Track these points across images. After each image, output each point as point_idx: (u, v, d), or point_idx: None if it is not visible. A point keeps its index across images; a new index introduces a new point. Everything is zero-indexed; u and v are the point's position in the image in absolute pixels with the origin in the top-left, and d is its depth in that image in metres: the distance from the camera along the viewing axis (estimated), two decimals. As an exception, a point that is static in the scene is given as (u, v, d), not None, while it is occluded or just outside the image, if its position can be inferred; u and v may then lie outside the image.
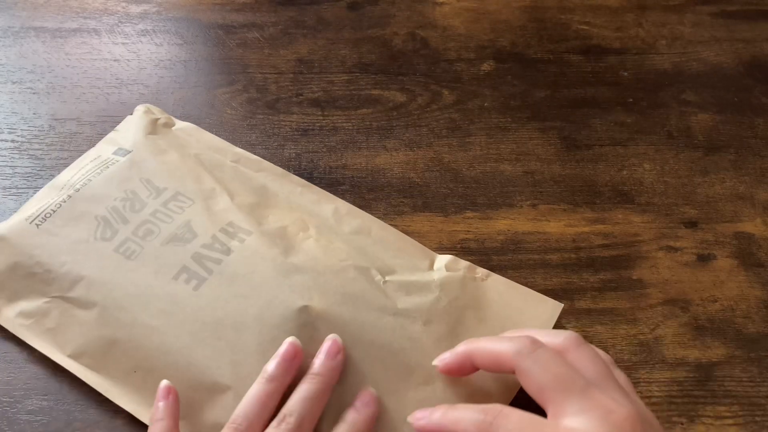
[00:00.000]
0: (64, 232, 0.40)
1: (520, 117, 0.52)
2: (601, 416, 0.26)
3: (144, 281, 0.37)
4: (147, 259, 0.38)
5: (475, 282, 0.40)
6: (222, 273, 0.37)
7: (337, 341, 0.35)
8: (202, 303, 0.37)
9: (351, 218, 0.43)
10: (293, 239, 0.40)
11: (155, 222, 0.40)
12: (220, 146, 0.47)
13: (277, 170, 0.46)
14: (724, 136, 0.51)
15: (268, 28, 0.58)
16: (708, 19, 0.60)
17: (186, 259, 0.38)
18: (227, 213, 0.41)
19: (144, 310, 0.37)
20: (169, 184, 0.42)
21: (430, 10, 0.60)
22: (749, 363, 0.40)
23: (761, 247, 0.45)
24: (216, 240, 0.39)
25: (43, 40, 0.56)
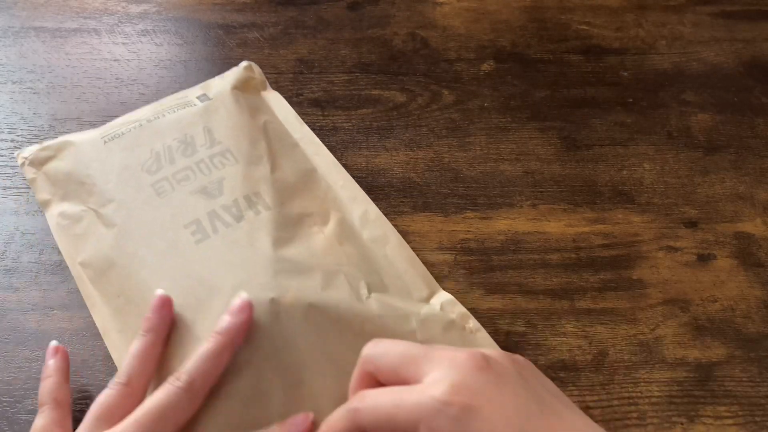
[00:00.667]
0: (121, 155, 0.43)
1: (520, 117, 0.52)
2: (448, 363, 0.28)
3: (160, 220, 0.40)
4: (173, 201, 0.40)
5: (461, 332, 0.39)
6: (225, 237, 0.39)
7: (244, 299, 0.34)
8: (196, 257, 0.38)
9: (375, 226, 0.43)
10: (304, 231, 0.41)
11: (195, 171, 0.42)
12: (293, 121, 0.48)
13: (331, 158, 0.47)
14: (724, 136, 0.51)
15: (268, 28, 0.58)
16: (708, 19, 0.60)
17: (202, 214, 0.40)
18: (260, 182, 0.42)
19: (147, 245, 0.39)
20: (225, 140, 0.44)
21: (430, 10, 0.60)
22: (749, 363, 0.40)
23: (761, 247, 0.45)
24: (236, 204, 0.40)
25: (43, 39, 0.56)
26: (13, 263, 0.43)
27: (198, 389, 0.32)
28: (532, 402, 0.27)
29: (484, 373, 0.27)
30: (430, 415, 0.26)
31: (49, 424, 0.33)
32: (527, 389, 0.28)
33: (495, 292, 0.42)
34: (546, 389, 0.29)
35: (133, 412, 0.31)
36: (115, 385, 0.33)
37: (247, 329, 0.34)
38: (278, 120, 0.48)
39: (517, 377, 0.28)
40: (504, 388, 0.27)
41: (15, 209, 0.45)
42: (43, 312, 0.41)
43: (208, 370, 0.32)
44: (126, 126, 0.44)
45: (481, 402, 0.26)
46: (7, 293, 0.41)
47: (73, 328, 0.40)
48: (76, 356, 0.39)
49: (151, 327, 0.34)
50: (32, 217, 0.45)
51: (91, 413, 0.32)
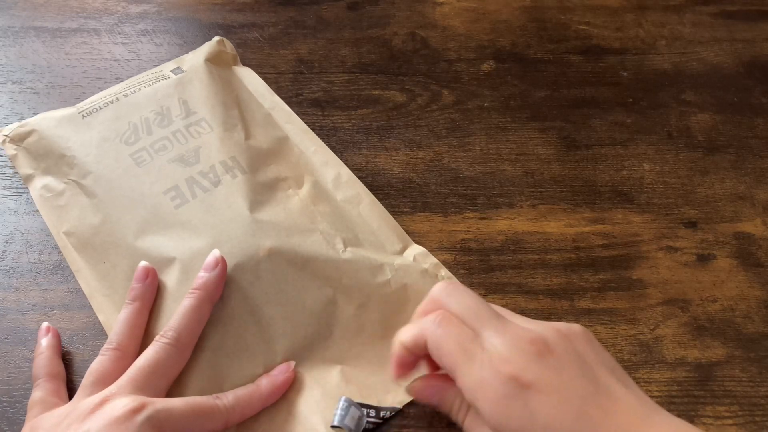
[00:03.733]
0: (99, 128, 0.44)
1: (520, 117, 0.52)
2: (512, 341, 0.30)
3: (140, 189, 0.41)
4: (151, 170, 0.42)
5: (433, 280, 0.41)
6: (204, 201, 0.40)
7: (216, 255, 0.37)
8: (176, 221, 0.40)
9: (348, 187, 0.45)
10: (280, 194, 0.43)
11: (172, 140, 0.43)
12: (264, 92, 0.50)
13: (303, 126, 0.49)
14: (724, 136, 0.51)
15: (268, 28, 0.58)
16: (708, 19, 0.60)
17: (180, 180, 0.41)
18: (235, 148, 0.44)
19: (129, 212, 0.41)
20: (199, 109, 0.45)
21: (430, 10, 0.60)
22: (749, 363, 0.40)
23: (761, 247, 0.45)
24: (213, 170, 0.42)
25: (43, 39, 0.56)
26: (13, 263, 0.43)
27: (185, 343, 0.35)
28: (590, 384, 0.29)
29: (545, 359, 0.29)
30: (494, 384, 0.29)
31: (45, 395, 0.35)
32: (584, 371, 0.29)
33: (495, 292, 0.42)
34: (603, 365, 0.30)
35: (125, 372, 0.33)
36: (106, 350, 0.35)
37: (223, 283, 0.36)
38: (249, 91, 0.50)
39: (575, 359, 0.30)
40: (563, 373, 0.29)
41: (15, 209, 0.45)
42: (42, 312, 0.41)
43: (191, 325, 0.35)
44: (103, 101, 0.46)
45: (541, 385, 0.28)
46: (6, 293, 0.41)
47: (73, 328, 0.40)
48: (76, 356, 0.39)
49: (136, 296, 0.37)
50: (32, 217, 0.45)
51: (86, 380, 0.34)
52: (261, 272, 0.38)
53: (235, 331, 0.37)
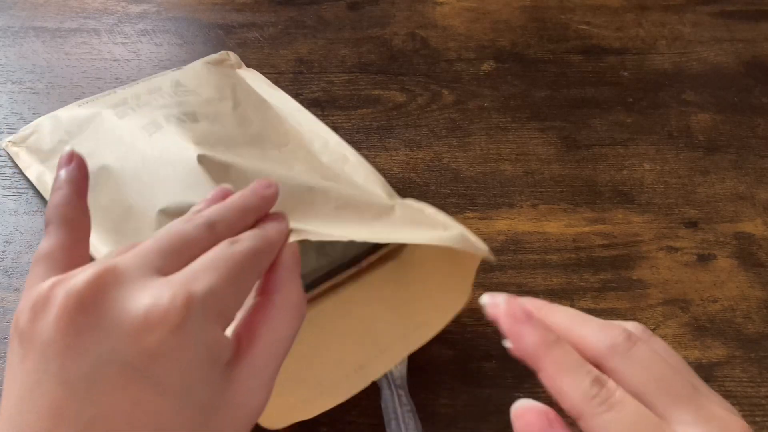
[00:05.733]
0: (93, 110, 0.45)
1: (520, 117, 0.52)
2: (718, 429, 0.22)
3: (118, 133, 0.42)
4: (131, 120, 0.42)
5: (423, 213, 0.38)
6: (179, 127, 0.40)
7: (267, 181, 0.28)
8: (153, 149, 0.40)
9: (334, 151, 0.44)
10: (262, 146, 0.42)
11: (157, 98, 0.44)
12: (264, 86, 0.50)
13: (296, 105, 0.48)
14: (725, 136, 0.51)
15: (268, 28, 0.58)
16: (708, 19, 0.60)
17: (157, 116, 0.41)
18: (219, 110, 0.44)
19: (110, 155, 0.41)
20: (190, 86, 0.46)
21: (430, 10, 0.60)
22: (749, 363, 0.40)
23: (761, 247, 0.45)
24: (193, 114, 0.42)
25: (42, 39, 0.56)
26: (13, 263, 0.43)
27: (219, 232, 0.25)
28: None
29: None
30: None
31: (54, 248, 0.25)
32: None
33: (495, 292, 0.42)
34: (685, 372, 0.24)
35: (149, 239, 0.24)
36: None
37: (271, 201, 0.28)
38: (248, 84, 0.50)
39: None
40: None
41: (14, 209, 0.45)
42: (42, 312, 0.41)
43: (231, 220, 0.26)
44: (101, 95, 0.47)
45: None
46: (6, 293, 0.41)
47: (72, 328, 0.40)
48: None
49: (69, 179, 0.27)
50: (31, 217, 0.45)
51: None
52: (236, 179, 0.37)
53: None
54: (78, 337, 0.21)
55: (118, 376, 0.20)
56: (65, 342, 0.20)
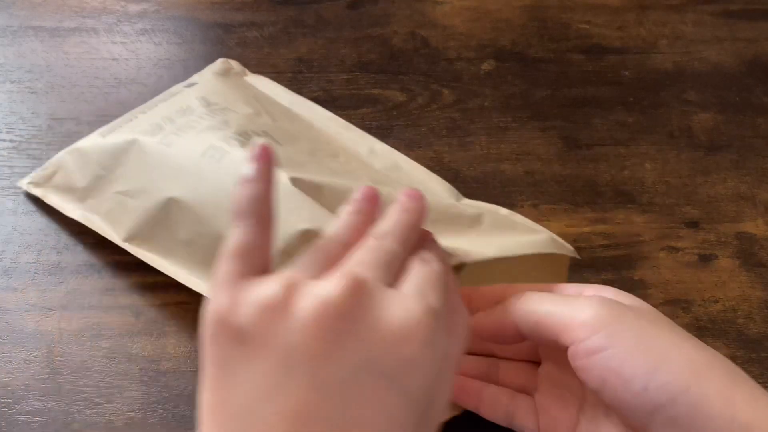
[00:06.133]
0: (123, 139, 0.43)
1: (521, 117, 0.52)
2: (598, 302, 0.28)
3: (176, 162, 0.40)
4: (183, 144, 0.41)
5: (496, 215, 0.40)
6: (246, 148, 0.39)
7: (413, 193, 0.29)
8: (224, 174, 0.38)
9: (384, 157, 0.45)
10: (321, 159, 0.42)
11: (197, 120, 0.42)
12: (279, 92, 0.50)
13: (327, 113, 0.48)
14: (726, 135, 0.51)
15: (268, 27, 0.58)
16: (709, 18, 0.60)
17: (215, 140, 0.40)
18: (265, 125, 0.43)
19: (176, 187, 0.39)
20: (219, 101, 0.45)
21: (430, 9, 0.60)
22: (751, 364, 0.39)
23: (763, 248, 0.45)
24: (246, 134, 0.41)
25: (41, 39, 0.56)
26: (12, 263, 0.43)
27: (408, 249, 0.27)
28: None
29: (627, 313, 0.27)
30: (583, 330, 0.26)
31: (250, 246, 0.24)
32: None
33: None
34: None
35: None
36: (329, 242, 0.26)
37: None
38: (265, 93, 0.50)
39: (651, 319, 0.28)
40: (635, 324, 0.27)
41: (13, 209, 0.45)
42: (41, 312, 0.40)
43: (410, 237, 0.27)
44: (121, 122, 0.45)
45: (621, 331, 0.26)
46: (5, 293, 0.41)
47: (71, 328, 0.40)
48: (75, 357, 0.39)
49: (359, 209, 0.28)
50: (30, 216, 0.45)
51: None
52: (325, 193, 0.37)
53: None
54: (335, 344, 0.21)
55: (373, 384, 0.21)
56: (320, 348, 0.21)
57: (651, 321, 0.28)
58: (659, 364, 0.25)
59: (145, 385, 0.38)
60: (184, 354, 0.39)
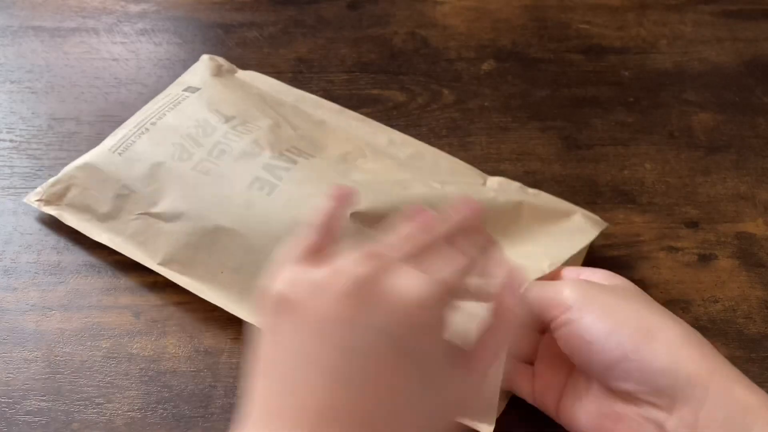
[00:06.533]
0: (145, 158, 0.42)
1: (521, 117, 0.52)
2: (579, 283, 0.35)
3: (221, 191, 0.40)
4: (222, 173, 0.41)
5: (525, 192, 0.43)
6: (291, 179, 0.40)
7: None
8: (276, 205, 0.39)
9: (406, 146, 0.46)
10: (353, 162, 0.43)
11: (226, 143, 0.42)
12: (280, 89, 0.50)
13: (335, 107, 0.49)
14: (726, 135, 0.51)
15: (268, 28, 0.58)
16: (709, 18, 0.60)
17: (257, 170, 0.40)
18: (291, 140, 0.43)
19: (224, 216, 0.40)
20: (236, 114, 0.44)
21: (430, 9, 0.60)
22: (750, 363, 0.39)
23: (762, 248, 0.45)
24: (283, 155, 0.41)
25: (41, 39, 0.56)
26: (12, 263, 0.43)
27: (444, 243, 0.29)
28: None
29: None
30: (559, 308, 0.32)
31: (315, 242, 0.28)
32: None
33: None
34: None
35: None
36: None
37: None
38: (268, 90, 0.50)
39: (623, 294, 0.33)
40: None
41: (13, 209, 0.45)
42: (41, 312, 0.40)
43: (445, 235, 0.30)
44: (132, 134, 0.44)
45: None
46: (5, 293, 0.41)
47: (71, 328, 0.40)
48: (75, 357, 0.39)
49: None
50: (30, 217, 0.45)
51: None
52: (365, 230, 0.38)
53: None
54: (358, 311, 0.25)
55: (388, 348, 0.25)
56: (345, 315, 0.24)
57: (622, 296, 0.33)
58: (616, 329, 0.30)
59: (145, 385, 0.38)
60: (184, 354, 0.39)
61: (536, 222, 0.41)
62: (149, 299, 0.41)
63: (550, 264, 0.37)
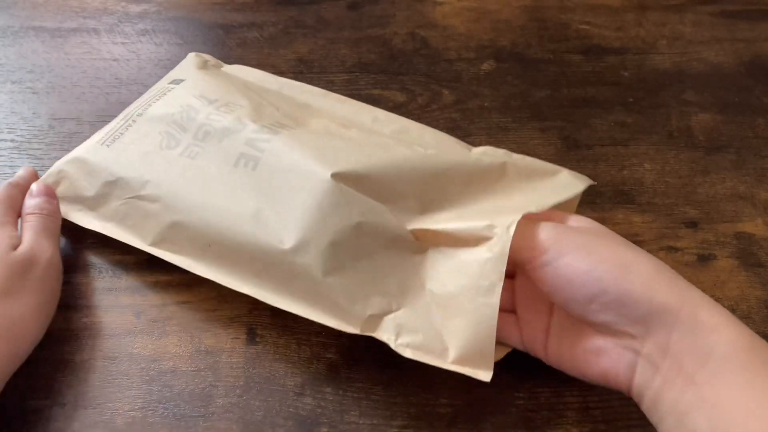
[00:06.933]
0: (132, 148, 0.43)
1: (521, 117, 0.52)
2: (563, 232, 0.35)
3: (208, 173, 0.40)
4: (209, 156, 0.41)
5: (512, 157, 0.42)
6: (273, 150, 0.40)
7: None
8: (261, 178, 0.39)
9: (390, 123, 0.45)
10: (337, 133, 0.43)
11: (210, 123, 0.42)
12: (265, 78, 0.50)
13: (319, 90, 0.48)
14: (725, 136, 0.51)
15: (268, 28, 0.58)
16: (708, 18, 0.60)
17: (241, 147, 0.40)
18: (274, 116, 0.43)
19: (210, 194, 0.39)
20: (220, 97, 0.45)
21: (430, 10, 0.60)
22: (750, 363, 0.40)
23: (762, 248, 0.45)
24: (264, 128, 0.41)
25: (42, 39, 0.56)
26: (13, 263, 0.43)
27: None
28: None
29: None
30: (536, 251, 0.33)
31: None
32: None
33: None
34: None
35: None
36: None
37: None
38: (252, 79, 0.50)
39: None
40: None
41: (14, 209, 0.45)
42: (42, 312, 0.41)
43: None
44: (120, 126, 0.44)
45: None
46: (6, 293, 0.41)
47: (72, 328, 0.40)
48: (76, 356, 0.39)
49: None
50: (31, 217, 0.45)
51: None
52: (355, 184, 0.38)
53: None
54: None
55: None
56: None
57: (595, 235, 0.34)
58: (594, 266, 0.31)
59: (146, 385, 0.38)
60: (185, 353, 0.39)
61: (522, 179, 0.41)
62: (150, 299, 0.41)
63: (537, 207, 0.37)
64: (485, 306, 0.33)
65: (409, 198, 0.38)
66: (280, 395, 0.37)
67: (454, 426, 0.36)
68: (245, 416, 0.37)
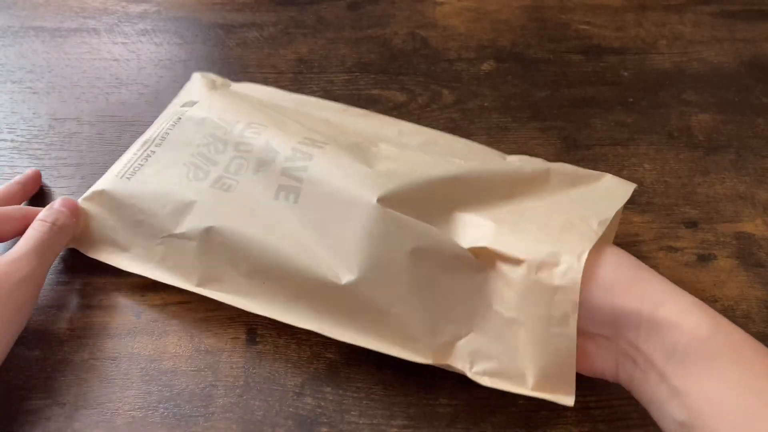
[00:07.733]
0: (156, 180, 0.41)
1: (521, 117, 0.52)
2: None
3: (247, 205, 0.39)
4: (245, 189, 0.39)
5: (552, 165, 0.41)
6: (311, 179, 0.38)
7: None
8: (306, 210, 0.38)
9: (416, 135, 0.44)
10: (368, 150, 0.41)
11: (239, 153, 0.41)
12: (278, 95, 0.49)
13: (337, 106, 0.48)
14: (725, 136, 0.51)
15: (268, 28, 0.58)
16: (708, 18, 0.60)
17: (278, 178, 0.39)
18: (300, 132, 0.41)
19: (253, 228, 0.38)
20: (241, 118, 0.43)
21: (430, 10, 0.60)
22: (750, 363, 0.40)
23: (762, 248, 0.45)
24: (296, 150, 0.39)
25: (42, 39, 0.56)
26: (13, 263, 0.43)
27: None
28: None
29: None
30: None
31: None
32: None
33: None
34: None
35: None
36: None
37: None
38: (266, 96, 0.48)
39: None
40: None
41: (14, 209, 0.45)
42: (42, 312, 0.41)
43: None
44: (138, 158, 0.43)
45: None
46: (6, 293, 0.41)
47: (72, 328, 0.40)
48: (76, 356, 0.39)
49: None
50: (32, 217, 0.45)
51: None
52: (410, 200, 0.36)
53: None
54: None
55: None
56: None
57: None
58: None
59: (146, 385, 0.38)
60: (185, 353, 0.39)
61: (567, 186, 0.39)
62: (150, 299, 0.41)
63: (599, 222, 0.35)
64: (561, 336, 0.33)
65: (457, 213, 0.37)
66: (280, 395, 0.37)
67: (454, 426, 0.36)
68: (245, 416, 0.37)
